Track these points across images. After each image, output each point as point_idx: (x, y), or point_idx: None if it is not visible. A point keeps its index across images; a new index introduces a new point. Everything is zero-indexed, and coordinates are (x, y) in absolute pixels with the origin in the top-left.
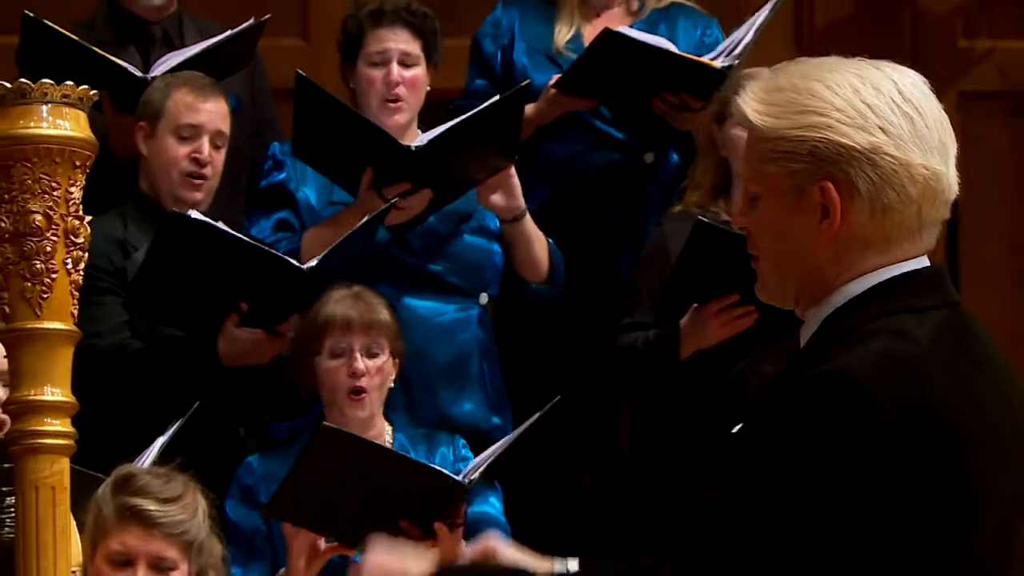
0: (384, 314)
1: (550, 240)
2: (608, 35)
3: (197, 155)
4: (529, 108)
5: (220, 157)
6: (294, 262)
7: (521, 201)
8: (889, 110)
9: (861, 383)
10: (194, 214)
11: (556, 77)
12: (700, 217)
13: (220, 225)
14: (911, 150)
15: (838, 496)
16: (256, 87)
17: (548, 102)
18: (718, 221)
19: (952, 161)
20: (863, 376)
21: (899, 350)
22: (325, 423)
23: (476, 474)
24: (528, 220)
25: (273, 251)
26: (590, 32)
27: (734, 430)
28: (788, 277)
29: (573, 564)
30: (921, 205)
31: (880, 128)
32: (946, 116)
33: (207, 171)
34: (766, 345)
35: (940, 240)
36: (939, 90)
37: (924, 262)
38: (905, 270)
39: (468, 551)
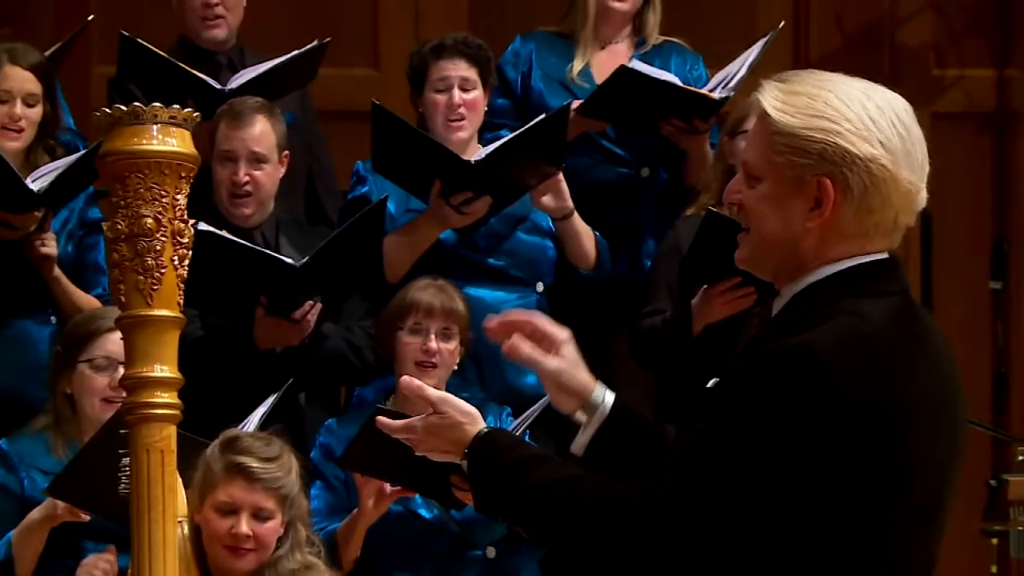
0: (460, 305)
1: (596, 232)
2: (623, 71)
3: (234, 178)
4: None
5: (262, 174)
6: (287, 260)
7: (569, 202)
8: (888, 127)
9: (820, 356)
10: (202, 226)
11: (578, 103)
12: (710, 208)
13: (223, 233)
14: (901, 165)
15: (794, 452)
16: (306, 108)
17: (570, 124)
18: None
19: (926, 174)
20: (823, 351)
21: (855, 329)
22: (379, 406)
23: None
24: (576, 217)
25: (266, 251)
26: (598, 62)
27: (709, 384)
28: (771, 253)
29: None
30: (899, 212)
31: (880, 142)
32: (923, 141)
33: (248, 188)
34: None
35: (916, 236)
36: (914, 111)
37: (884, 255)
38: (867, 261)
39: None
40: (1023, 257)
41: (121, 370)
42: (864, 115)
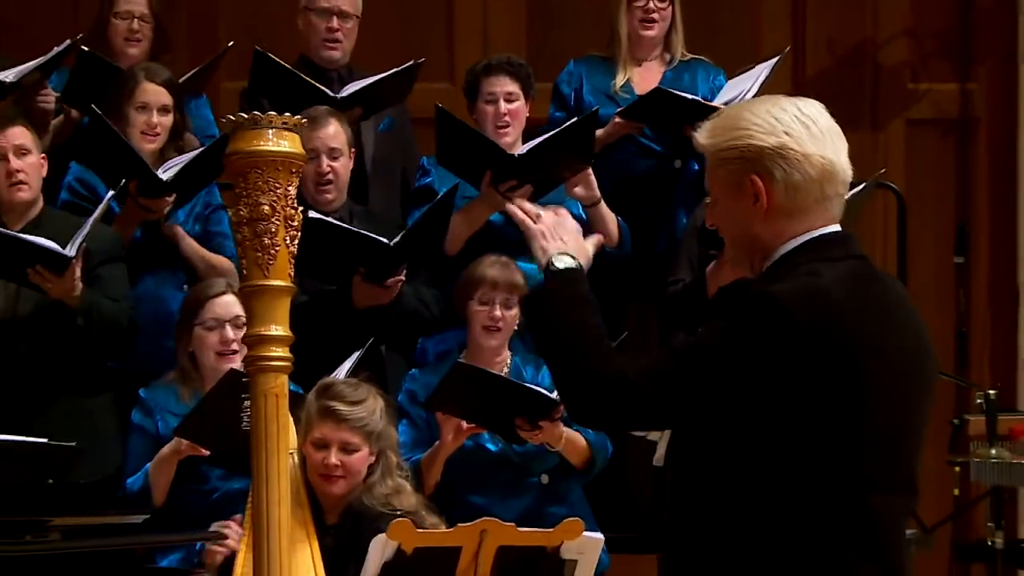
0: (519, 279)
1: (619, 218)
2: (658, 91)
3: (318, 170)
4: (599, 132)
5: (339, 164)
6: (383, 239)
7: (597, 192)
8: (791, 120)
9: (779, 299)
10: (312, 214)
11: (620, 110)
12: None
13: (334, 220)
14: (808, 145)
15: (757, 379)
16: (403, 115)
17: (614, 126)
18: None
19: (843, 155)
20: (781, 295)
21: (811, 282)
22: (459, 361)
23: None
24: (603, 204)
25: (367, 233)
26: (636, 77)
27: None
28: (743, 250)
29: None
30: (822, 183)
31: (785, 132)
32: (836, 126)
33: (329, 178)
34: None
35: (893, 219)
36: (891, 118)
37: (835, 228)
38: (819, 234)
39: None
40: (981, 237)
41: (228, 328)
42: (768, 117)
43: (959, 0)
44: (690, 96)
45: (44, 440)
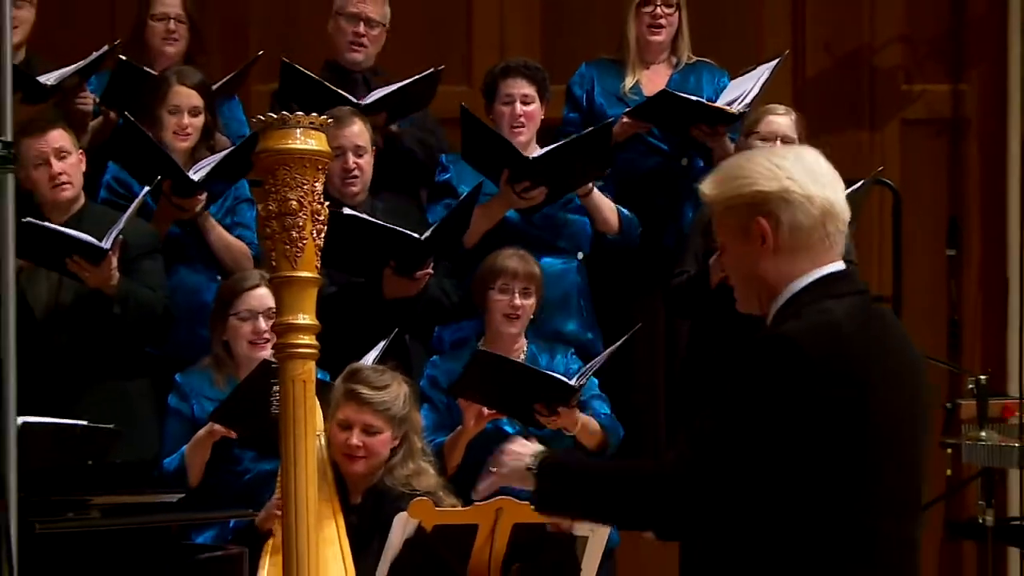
0: (536, 270)
1: (622, 209)
2: (663, 93)
3: (344, 167)
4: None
5: (363, 161)
6: (414, 234)
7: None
8: (792, 165)
9: (794, 339)
10: (346, 210)
11: (627, 111)
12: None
13: (367, 216)
14: (810, 188)
15: (779, 414)
16: (427, 117)
17: (622, 126)
18: None
19: (841, 195)
20: (796, 335)
21: (821, 319)
22: (480, 347)
23: (584, 379)
24: (596, 193)
25: (398, 228)
26: (644, 80)
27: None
28: (752, 290)
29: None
30: (824, 222)
31: (787, 178)
32: (833, 170)
33: (355, 173)
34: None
35: (889, 214)
36: (887, 118)
37: (840, 266)
38: (825, 272)
39: None
40: (972, 231)
41: (261, 319)
42: (769, 164)
43: (951, 7)
44: (694, 98)
45: (85, 423)
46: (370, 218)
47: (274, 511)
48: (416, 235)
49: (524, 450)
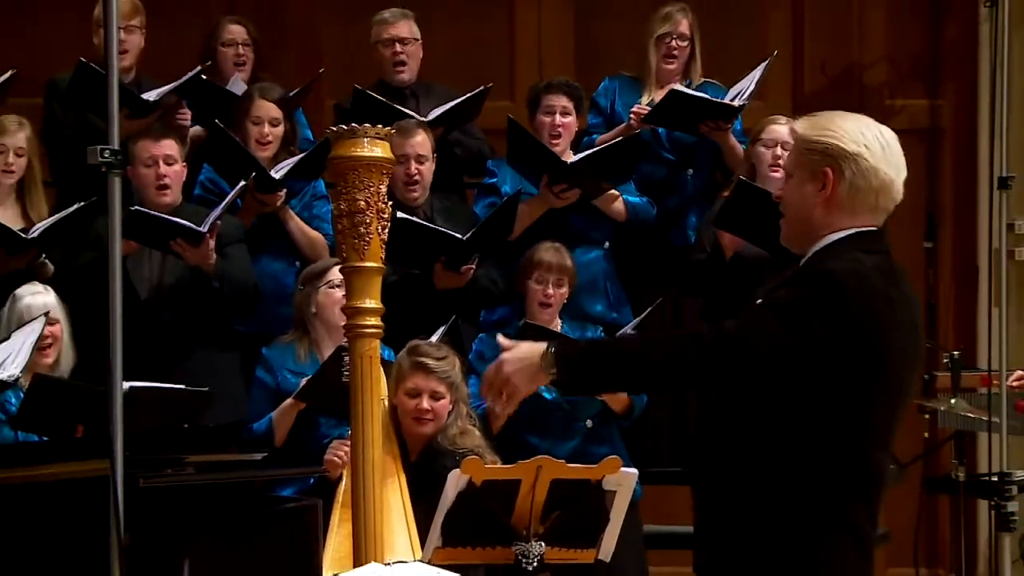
0: (569, 262)
1: (630, 197)
2: (673, 92)
3: (407, 172)
4: (619, 128)
5: (424, 168)
6: (457, 235)
7: None
8: (873, 138)
9: (837, 277)
10: (400, 214)
11: (645, 115)
12: (740, 177)
13: (414, 219)
14: (880, 161)
15: (814, 330)
16: (472, 128)
17: (627, 126)
18: None
19: (901, 178)
20: (838, 275)
21: (855, 266)
22: (527, 321)
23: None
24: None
25: (447, 231)
26: (659, 96)
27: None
28: (796, 228)
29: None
30: (879, 194)
31: (865, 145)
32: (903, 153)
33: (416, 179)
34: (773, 275)
35: None
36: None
37: (873, 228)
38: (862, 229)
39: None
40: (946, 226)
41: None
42: (855, 129)
43: (929, 32)
44: (700, 95)
45: (182, 386)
46: (421, 221)
47: (333, 454)
48: (459, 236)
49: (520, 353)
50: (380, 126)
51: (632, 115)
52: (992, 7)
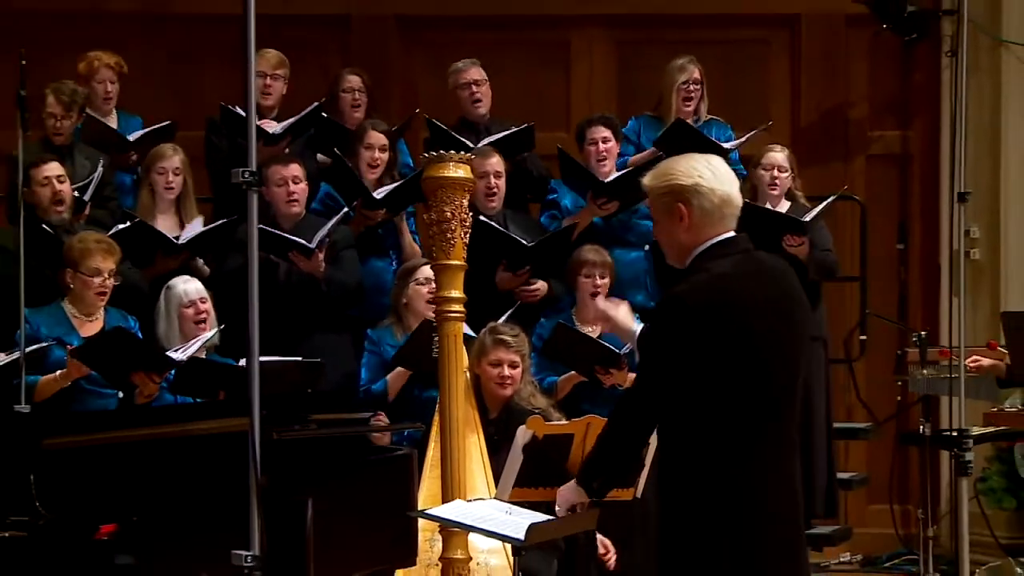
0: (609, 259)
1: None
2: (678, 121)
3: (487, 186)
4: (639, 155)
5: (500, 182)
6: (523, 240)
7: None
8: (703, 167)
9: (681, 296)
10: (481, 217)
11: (655, 141)
12: (746, 200)
13: (495, 224)
14: (714, 183)
15: (679, 355)
16: (532, 155)
17: (646, 153)
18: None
19: (736, 189)
20: (682, 293)
21: (701, 277)
22: (560, 322)
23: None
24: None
25: (511, 234)
26: None
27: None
28: (674, 253)
29: None
30: (723, 207)
31: (699, 176)
32: (732, 172)
33: (494, 191)
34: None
35: (858, 221)
36: (856, 154)
37: (731, 235)
38: (718, 240)
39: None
40: (915, 232)
41: (433, 284)
42: (687, 166)
43: (901, 77)
44: (703, 134)
45: (300, 358)
46: (496, 225)
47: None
48: (525, 242)
49: (623, 310)
50: (463, 152)
51: (647, 153)
52: (952, 57)
